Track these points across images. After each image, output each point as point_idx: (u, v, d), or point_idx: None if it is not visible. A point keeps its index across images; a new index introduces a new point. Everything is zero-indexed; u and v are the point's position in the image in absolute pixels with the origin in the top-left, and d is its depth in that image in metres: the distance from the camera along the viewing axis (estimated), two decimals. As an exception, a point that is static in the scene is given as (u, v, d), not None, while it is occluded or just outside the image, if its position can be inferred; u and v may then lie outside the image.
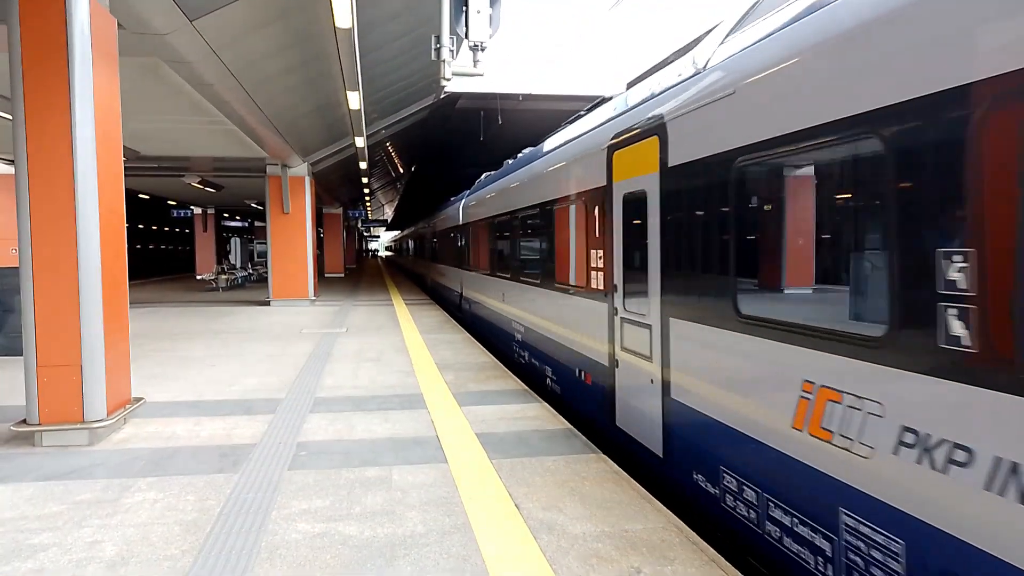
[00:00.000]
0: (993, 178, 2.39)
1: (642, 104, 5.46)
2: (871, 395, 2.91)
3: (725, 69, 4.16)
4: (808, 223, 3.58)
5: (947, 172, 2.55)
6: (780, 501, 3.54)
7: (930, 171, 2.64)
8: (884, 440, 2.83)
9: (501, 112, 21.36)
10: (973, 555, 2.44)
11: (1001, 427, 2.34)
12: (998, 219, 2.37)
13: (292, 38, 10.15)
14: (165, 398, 7.38)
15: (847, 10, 3.15)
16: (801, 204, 3.66)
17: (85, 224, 5.55)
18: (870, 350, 2.91)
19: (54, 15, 5.37)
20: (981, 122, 2.41)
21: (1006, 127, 2.34)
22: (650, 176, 5.08)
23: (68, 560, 3.57)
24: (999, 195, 2.37)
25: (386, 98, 16.34)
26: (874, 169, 2.95)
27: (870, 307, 3.00)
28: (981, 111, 2.41)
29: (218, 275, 25.58)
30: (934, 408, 2.61)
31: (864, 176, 3.10)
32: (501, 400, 7.17)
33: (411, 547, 3.69)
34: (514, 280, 10.01)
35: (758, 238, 3.94)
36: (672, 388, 4.75)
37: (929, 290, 2.62)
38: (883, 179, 2.87)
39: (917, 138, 2.68)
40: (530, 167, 9.09)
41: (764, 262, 3.92)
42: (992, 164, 2.39)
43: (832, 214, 3.44)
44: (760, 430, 3.70)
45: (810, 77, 3.33)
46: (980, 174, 2.43)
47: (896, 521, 2.78)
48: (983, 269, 2.42)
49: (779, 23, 3.77)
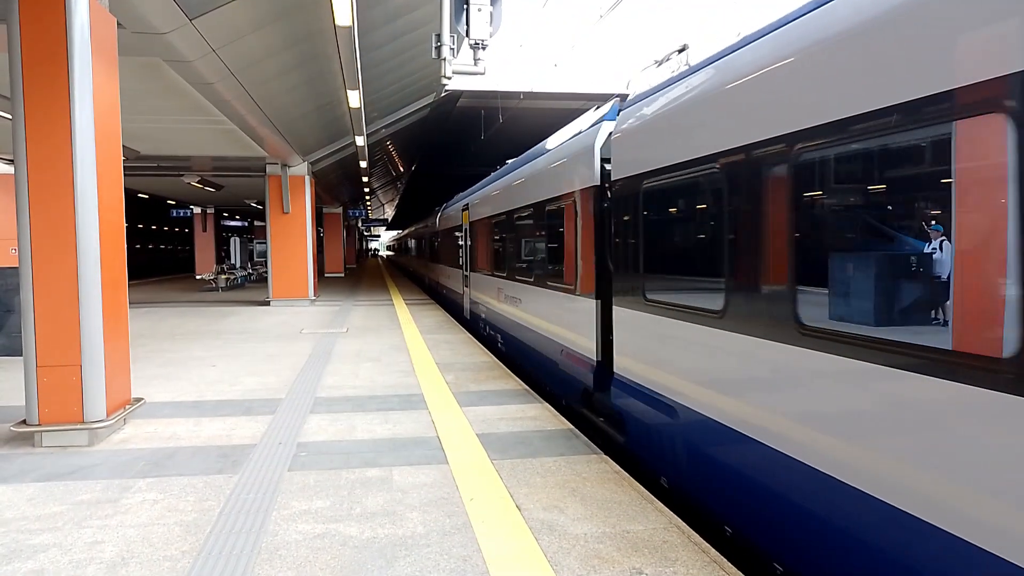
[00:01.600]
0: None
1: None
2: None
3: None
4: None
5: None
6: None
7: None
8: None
9: (502, 111, 21.34)
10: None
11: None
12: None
13: (292, 37, 10.14)
14: (165, 398, 7.37)
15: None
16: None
17: (85, 224, 5.53)
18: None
19: (54, 15, 5.36)
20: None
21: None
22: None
23: (68, 560, 3.56)
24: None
25: (386, 97, 16.33)
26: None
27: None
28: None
29: (218, 275, 25.57)
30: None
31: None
32: (501, 400, 7.16)
33: (412, 548, 3.68)
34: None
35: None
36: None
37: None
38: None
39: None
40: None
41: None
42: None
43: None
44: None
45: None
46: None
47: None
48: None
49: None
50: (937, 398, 2.52)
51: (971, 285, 2.42)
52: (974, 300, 2.41)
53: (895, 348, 2.76)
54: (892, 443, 2.74)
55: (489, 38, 7.27)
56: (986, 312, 2.35)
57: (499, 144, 26.22)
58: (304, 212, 18.85)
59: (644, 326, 5.26)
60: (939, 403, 2.51)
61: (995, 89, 2.31)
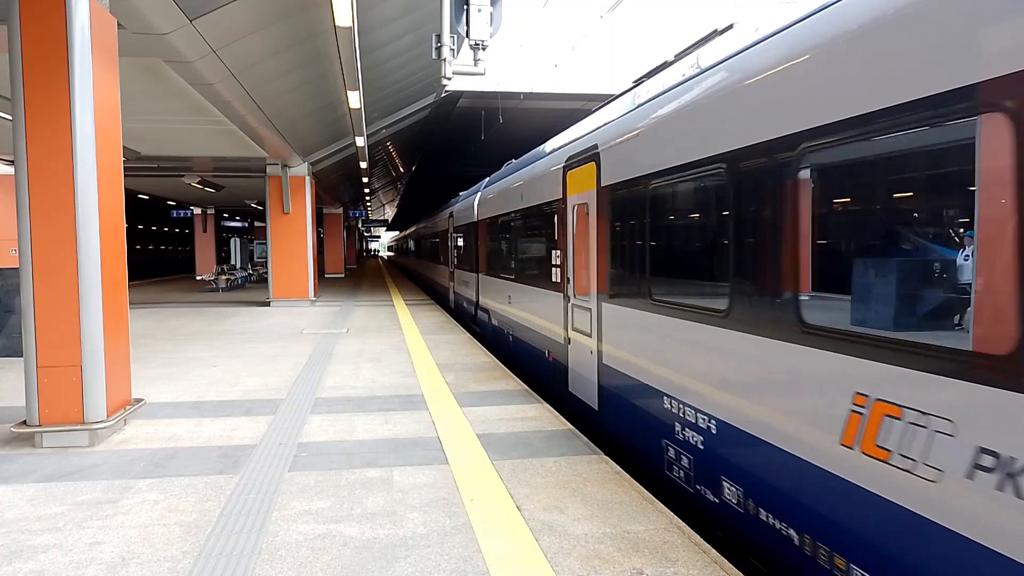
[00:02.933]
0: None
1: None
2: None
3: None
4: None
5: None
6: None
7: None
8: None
9: (502, 111, 21.34)
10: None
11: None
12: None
13: (293, 37, 10.14)
14: (165, 399, 7.37)
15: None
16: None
17: (85, 224, 5.53)
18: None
19: (54, 15, 5.36)
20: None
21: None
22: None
23: (69, 561, 3.56)
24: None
25: (387, 97, 16.32)
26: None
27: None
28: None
29: (218, 275, 25.57)
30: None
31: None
32: (502, 401, 7.16)
33: (412, 548, 3.68)
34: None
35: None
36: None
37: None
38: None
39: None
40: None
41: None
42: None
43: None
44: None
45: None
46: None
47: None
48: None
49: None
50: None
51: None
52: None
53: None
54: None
55: (489, 38, 7.28)
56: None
57: (499, 144, 26.21)
58: (304, 213, 18.85)
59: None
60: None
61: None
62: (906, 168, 2.99)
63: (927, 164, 2.91)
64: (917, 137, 2.75)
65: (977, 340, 2.43)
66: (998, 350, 2.32)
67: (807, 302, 3.33)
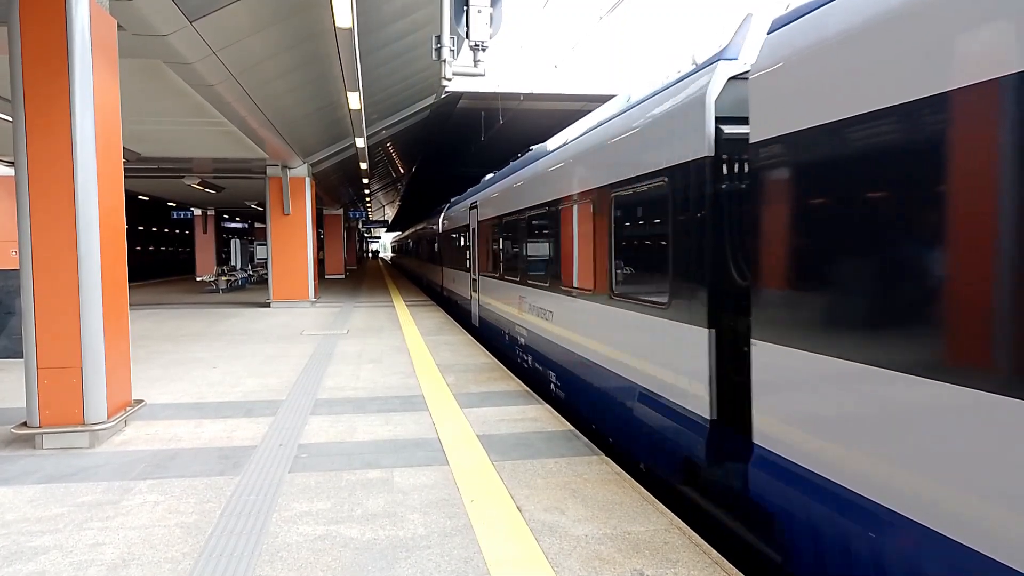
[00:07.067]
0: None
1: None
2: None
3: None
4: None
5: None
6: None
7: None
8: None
9: (502, 112, 21.35)
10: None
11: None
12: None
13: (292, 38, 10.15)
14: (166, 400, 7.37)
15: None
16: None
17: (85, 226, 5.53)
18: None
19: (54, 16, 5.36)
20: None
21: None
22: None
23: (69, 562, 3.56)
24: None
25: (387, 98, 16.33)
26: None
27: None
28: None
29: (218, 277, 25.57)
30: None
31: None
32: (502, 402, 7.16)
33: (412, 549, 3.68)
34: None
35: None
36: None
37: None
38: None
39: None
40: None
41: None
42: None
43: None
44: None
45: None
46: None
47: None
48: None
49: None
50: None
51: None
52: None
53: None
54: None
55: (489, 39, 7.27)
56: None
57: (499, 145, 26.23)
58: (304, 213, 18.85)
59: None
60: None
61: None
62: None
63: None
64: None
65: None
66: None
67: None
